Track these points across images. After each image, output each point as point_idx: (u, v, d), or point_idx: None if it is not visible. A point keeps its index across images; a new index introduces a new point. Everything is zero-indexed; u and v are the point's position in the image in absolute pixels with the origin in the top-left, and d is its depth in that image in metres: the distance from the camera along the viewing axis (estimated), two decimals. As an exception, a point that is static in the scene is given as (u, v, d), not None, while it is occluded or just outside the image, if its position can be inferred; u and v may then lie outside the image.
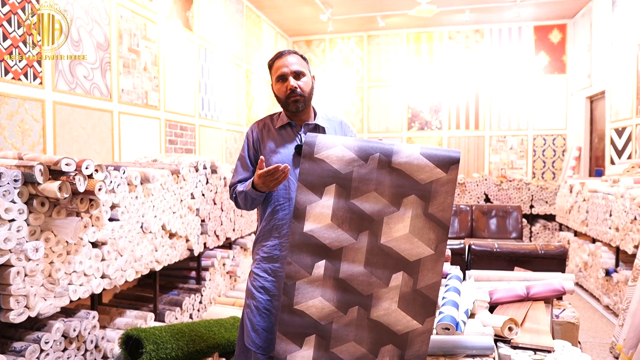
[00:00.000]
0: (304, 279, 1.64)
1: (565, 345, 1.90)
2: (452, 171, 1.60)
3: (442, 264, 1.60)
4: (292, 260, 1.65)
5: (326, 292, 1.63)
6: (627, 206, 3.77)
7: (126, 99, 3.97)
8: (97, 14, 3.60)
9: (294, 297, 1.64)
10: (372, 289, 1.61)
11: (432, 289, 1.59)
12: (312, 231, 1.65)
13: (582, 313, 4.19)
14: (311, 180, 1.67)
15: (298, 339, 1.64)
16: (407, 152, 1.64)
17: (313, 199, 1.66)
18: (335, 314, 1.63)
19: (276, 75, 1.92)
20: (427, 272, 1.59)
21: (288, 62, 1.90)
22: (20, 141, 2.94)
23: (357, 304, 1.62)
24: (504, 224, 5.79)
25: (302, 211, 1.66)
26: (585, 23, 6.97)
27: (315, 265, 1.64)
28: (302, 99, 1.90)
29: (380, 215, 1.63)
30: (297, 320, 1.64)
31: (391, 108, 8.27)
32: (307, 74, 1.94)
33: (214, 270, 3.97)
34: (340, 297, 1.63)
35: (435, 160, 1.61)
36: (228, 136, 6.15)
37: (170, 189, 3.20)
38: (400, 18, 7.57)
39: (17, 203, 1.96)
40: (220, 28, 5.87)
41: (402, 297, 1.59)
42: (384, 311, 1.60)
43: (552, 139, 7.76)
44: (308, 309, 1.63)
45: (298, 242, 1.65)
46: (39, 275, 2.06)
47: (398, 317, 1.59)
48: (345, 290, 1.63)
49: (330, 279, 1.64)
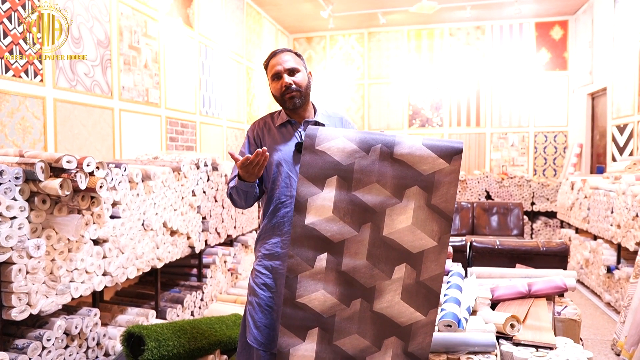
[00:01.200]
0: (306, 272, 1.63)
1: (567, 342, 1.90)
2: (454, 162, 1.57)
3: (445, 256, 1.58)
4: (293, 253, 1.63)
5: (328, 285, 1.62)
6: (629, 203, 3.77)
7: (127, 96, 3.96)
8: (97, 11, 3.59)
9: (296, 290, 1.63)
10: (375, 282, 1.60)
11: (435, 280, 1.57)
12: (313, 224, 1.63)
13: (584, 310, 4.19)
14: (312, 173, 1.65)
15: (301, 332, 1.63)
16: (409, 143, 1.62)
17: (314, 191, 1.64)
18: (338, 306, 1.61)
19: (271, 74, 1.92)
20: (430, 264, 1.58)
21: (282, 60, 1.90)
22: (21, 139, 2.94)
23: (360, 297, 1.61)
24: (505, 221, 5.79)
25: (303, 204, 1.64)
26: (587, 19, 6.95)
27: (317, 258, 1.63)
28: (299, 94, 1.89)
29: (383, 207, 1.61)
30: (300, 313, 1.63)
31: (392, 105, 8.26)
32: (302, 70, 1.93)
33: (215, 268, 3.97)
34: (342, 290, 1.62)
35: (438, 150, 1.59)
36: (229, 133, 6.14)
37: (172, 186, 3.19)
38: (400, 15, 7.55)
39: (19, 200, 1.96)
40: (220, 25, 5.85)
41: (405, 289, 1.58)
42: (387, 303, 1.59)
43: (553, 135, 7.74)
44: (310, 302, 1.62)
45: (300, 235, 1.64)
46: (40, 273, 2.06)
47: (401, 309, 1.58)
48: (348, 283, 1.62)
49: (333, 272, 1.62)
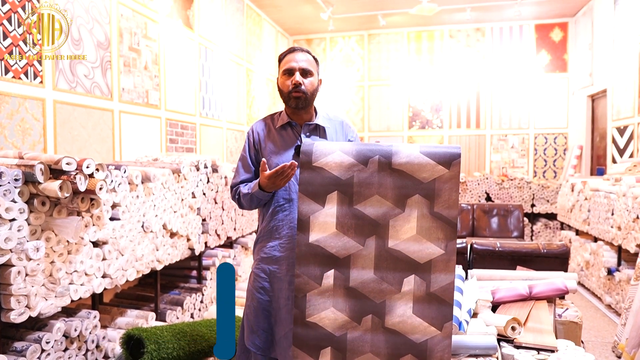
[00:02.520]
0: (314, 291, 1.61)
1: (569, 345, 1.89)
2: (454, 167, 1.57)
3: (454, 264, 1.56)
4: (300, 272, 1.62)
5: (338, 302, 1.59)
6: (629, 205, 3.76)
7: (127, 98, 3.96)
8: (97, 13, 3.59)
9: (305, 309, 1.60)
10: (385, 296, 1.57)
11: (446, 290, 1.54)
12: (317, 241, 1.62)
13: (584, 312, 4.18)
14: (312, 190, 1.64)
15: (314, 352, 1.60)
16: (407, 151, 1.61)
17: (316, 208, 1.63)
18: (349, 324, 1.58)
19: (284, 68, 1.91)
20: (439, 274, 1.55)
21: (299, 58, 1.90)
22: (20, 140, 2.93)
23: (371, 312, 1.58)
24: (506, 223, 5.78)
25: (305, 222, 1.63)
26: (587, 21, 6.96)
27: (325, 276, 1.61)
28: (304, 97, 1.88)
29: (386, 219, 1.60)
30: (312, 333, 1.60)
31: (392, 107, 8.26)
32: (314, 74, 1.93)
33: (215, 270, 3.97)
34: (352, 307, 1.59)
35: (436, 157, 1.58)
36: (229, 135, 6.14)
37: (171, 188, 3.19)
38: (401, 17, 7.55)
39: (18, 202, 1.95)
40: (220, 27, 5.85)
41: (417, 302, 1.55)
42: (399, 318, 1.55)
43: (553, 137, 7.74)
44: (321, 320, 1.59)
45: (305, 254, 1.62)
46: (39, 275, 2.06)
47: (414, 324, 1.54)
48: (357, 298, 1.59)
49: (341, 288, 1.60)
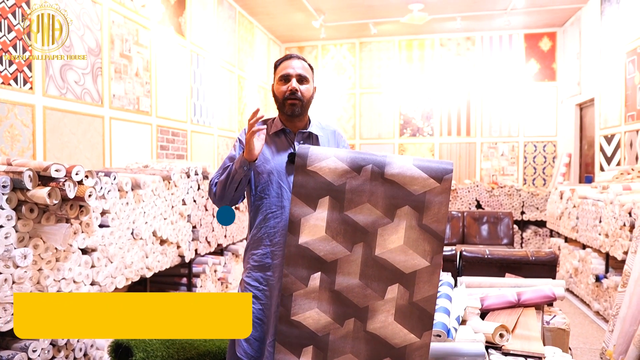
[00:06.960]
0: (300, 291, 1.65)
1: (556, 352, 1.91)
2: (445, 182, 1.60)
3: (438, 276, 1.60)
4: (288, 272, 1.66)
5: (322, 303, 1.64)
6: (617, 212, 3.81)
7: (117, 105, 3.95)
8: (88, 19, 3.59)
9: (291, 308, 1.65)
10: (368, 301, 1.61)
11: (428, 301, 1.58)
12: (307, 243, 1.66)
13: (573, 319, 4.21)
14: (305, 193, 1.68)
15: (296, 350, 1.65)
16: (400, 163, 1.64)
17: (307, 211, 1.67)
18: (332, 325, 1.63)
19: (280, 74, 1.92)
20: (423, 285, 1.59)
21: (295, 64, 1.91)
22: (9, 146, 2.91)
23: (353, 316, 1.62)
24: (495, 230, 5.82)
25: (296, 224, 1.67)
26: (575, 31, 7.07)
27: (311, 277, 1.65)
28: (300, 104, 1.89)
29: (374, 227, 1.63)
30: (295, 331, 1.65)
31: (383, 114, 8.30)
32: (310, 81, 1.94)
33: (205, 277, 3.94)
34: (336, 309, 1.63)
35: (428, 171, 1.61)
36: (220, 142, 6.14)
37: (162, 195, 3.18)
38: (392, 25, 7.62)
39: (6, 209, 1.94)
40: (212, 34, 5.87)
41: (399, 310, 1.59)
42: (380, 324, 1.60)
43: (542, 145, 7.83)
44: (305, 320, 1.64)
45: (294, 254, 1.67)
46: (27, 283, 2.04)
47: (395, 330, 1.59)
48: (341, 302, 1.63)
49: (326, 291, 1.64)
